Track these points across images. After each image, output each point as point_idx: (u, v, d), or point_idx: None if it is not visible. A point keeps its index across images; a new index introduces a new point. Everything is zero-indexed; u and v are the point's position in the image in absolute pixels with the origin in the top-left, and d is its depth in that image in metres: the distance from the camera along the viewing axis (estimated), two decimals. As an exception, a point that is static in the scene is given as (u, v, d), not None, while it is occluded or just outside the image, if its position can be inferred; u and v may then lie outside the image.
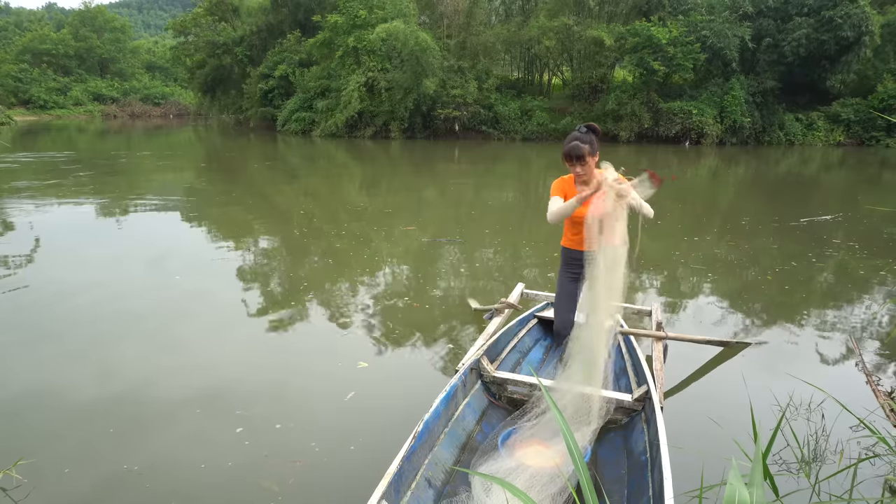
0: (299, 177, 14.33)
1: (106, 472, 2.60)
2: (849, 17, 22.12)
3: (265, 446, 2.79)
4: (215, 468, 2.64)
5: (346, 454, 2.74)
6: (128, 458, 2.69)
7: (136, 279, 5.46)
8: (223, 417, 3.05)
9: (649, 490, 2.19)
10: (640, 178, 2.52)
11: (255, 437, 2.87)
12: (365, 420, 3.05)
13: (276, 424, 2.97)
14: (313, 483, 2.54)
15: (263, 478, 2.55)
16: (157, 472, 2.61)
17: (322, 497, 2.46)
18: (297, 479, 2.55)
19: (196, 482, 2.56)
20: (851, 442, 2.79)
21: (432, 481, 2.30)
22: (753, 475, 1.21)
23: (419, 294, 5.12)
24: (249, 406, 3.16)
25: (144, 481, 2.53)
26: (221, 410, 3.12)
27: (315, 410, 3.20)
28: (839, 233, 7.78)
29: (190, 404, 3.18)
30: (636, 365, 3.26)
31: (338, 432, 2.93)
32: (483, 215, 9.09)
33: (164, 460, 2.70)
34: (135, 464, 2.65)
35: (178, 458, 2.72)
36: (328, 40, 25.52)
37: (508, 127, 25.27)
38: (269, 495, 2.43)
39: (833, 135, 24.73)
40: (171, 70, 50.88)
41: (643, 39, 22.51)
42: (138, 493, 2.47)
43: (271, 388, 3.40)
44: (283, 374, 3.61)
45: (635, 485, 2.34)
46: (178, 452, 2.76)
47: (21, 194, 10.20)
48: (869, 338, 4.34)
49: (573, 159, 2.67)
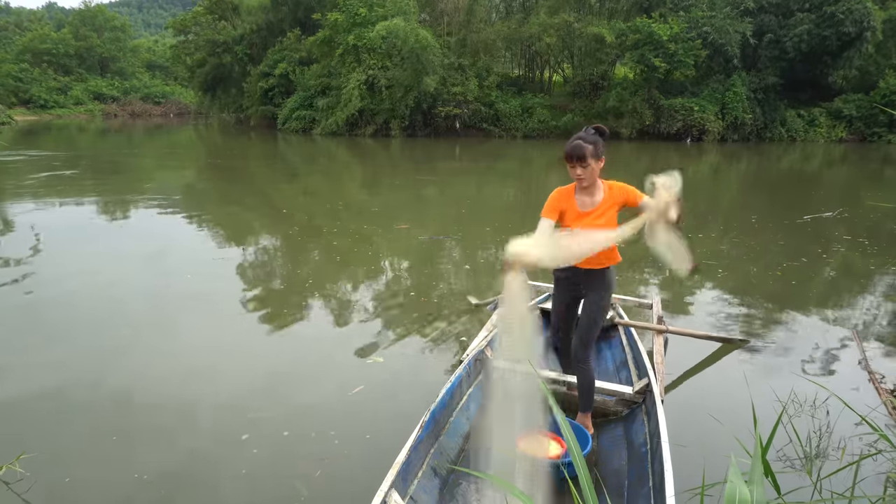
0: (300, 175, 14.32)
1: (108, 470, 2.61)
2: (850, 12, 22.02)
3: (273, 449, 2.79)
4: (233, 462, 2.64)
5: (362, 444, 2.78)
6: (133, 458, 2.69)
7: (138, 278, 5.45)
8: (235, 415, 3.06)
9: (649, 481, 2.21)
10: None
11: (262, 440, 2.86)
12: (378, 410, 3.10)
13: (284, 432, 2.96)
14: (338, 475, 2.59)
15: (291, 476, 2.57)
16: (165, 473, 2.61)
17: (347, 487, 2.50)
18: (324, 471, 2.59)
19: (214, 479, 2.56)
20: (854, 439, 2.78)
21: (438, 470, 2.35)
22: (753, 472, 1.20)
23: (423, 289, 5.13)
24: (261, 404, 3.16)
25: (153, 482, 2.54)
26: (232, 408, 3.13)
27: (326, 404, 3.20)
28: (848, 229, 7.73)
29: (201, 400, 3.19)
30: (637, 357, 3.27)
31: (353, 424, 2.96)
32: (484, 213, 9.07)
33: (169, 459, 2.70)
34: (144, 463, 2.65)
35: (198, 456, 2.72)
36: (328, 38, 25.46)
37: (509, 124, 25.21)
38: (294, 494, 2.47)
39: (835, 131, 24.63)
40: (171, 69, 50.82)
41: (644, 36, 22.43)
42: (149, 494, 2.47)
43: (282, 386, 3.41)
44: (295, 370, 3.62)
45: (635, 475, 2.36)
46: (200, 449, 2.77)
47: (21, 193, 10.20)
48: (873, 334, 4.32)
49: (574, 159, 2.41)
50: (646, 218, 2.27)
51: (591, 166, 2.42)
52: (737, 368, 3.63)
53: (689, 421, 3.00)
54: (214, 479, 2.57)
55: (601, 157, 2.45)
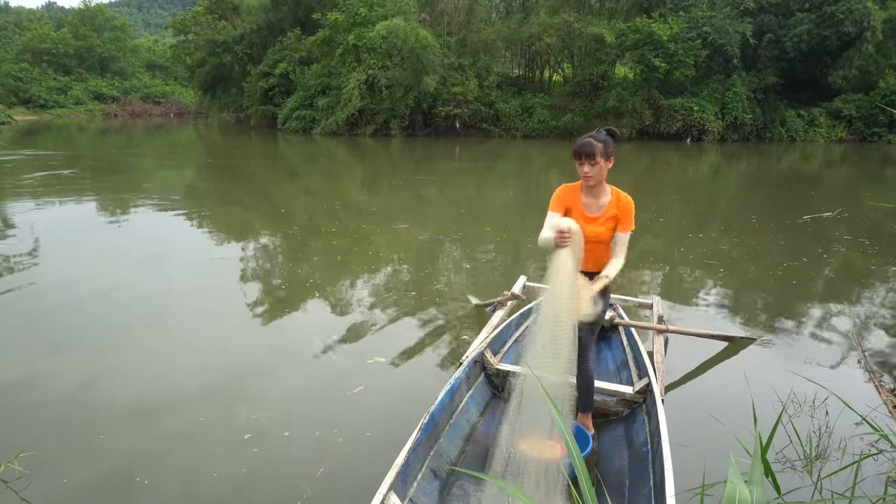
0: (300, 175, 14.31)
1: (108, 469, 2.61)
2: (850, 12, 22.01)
3: (275, 451, 2.79)
4: (228, 462, 2.64)
5: (363, 442, 2.79)
6: (134, 458, 2.69)
7: (140, 278, 5.45)
8: (236, 414, 3.06)
9: (650, 481, 2.20)
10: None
11: (263, 441, 2.86)
12: (377, 410, 3.10)
13: (284, 432, 2.96)
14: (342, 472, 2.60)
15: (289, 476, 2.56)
16: (165, 473, 2.61)
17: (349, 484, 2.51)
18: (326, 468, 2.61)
19: (207, 479, 2.56)
20: (854, 439, 2.77)
21: (437, 472, 2.34)
22: (753, 472, 1.20)
23: (424, 289, 5.12)
24: (265, 402, 3.16)
25: (148, 474, 2.53)
26: (235, 407, 3.13)
27: (326, 403, 3.20)
28: (848, 229, 7.72)
29: (201, 400, 3.19)
30: (637, 357, 3.26)
31: (354, 423, 2.97)
32: (484, 212, 9.06)
33: (169, 459, 2.70)
34: (143, 464, 2.65)
35: (195, 456, 2.71)
36: (328, 38, 25.45)
37: (509, 124, 25.20)
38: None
39: (835, 131, 24.62)
40: (171, 69, 50.79)
41: (644, 36, 22.42)
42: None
43: (285, 384, 3.40)
44: (300, 369, 3.62)
45: (636, 475, 2.36)
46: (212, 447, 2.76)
47: (21, 193, 10.19)
48: (874, 334, 4.32)
49: (582, 156, 2.41)
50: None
51: (600, 164, 2.41)
52: (737, 368, 3.63)
53: (690, 421, 3.00)
54: (214, 479, 2.57)
55: (610, 157, 2.45)
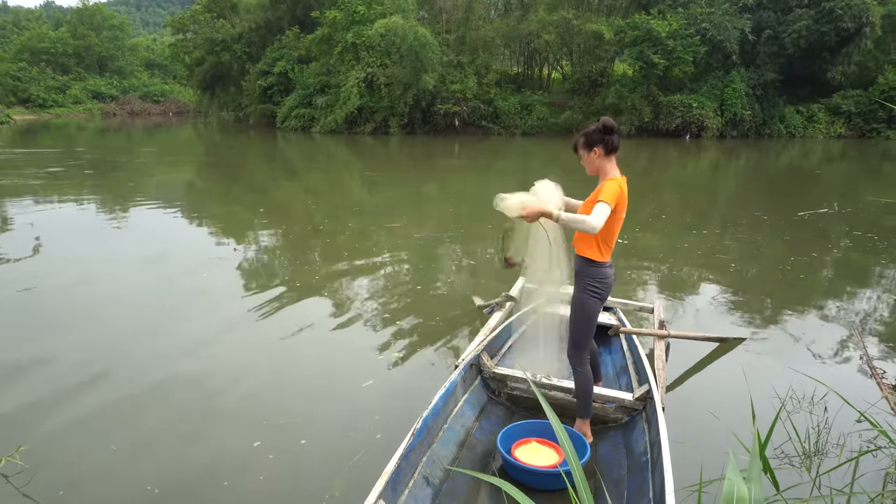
0: (299, 173, 14.30)
1: (108, 469, 2.61)
2: (849, 7, 21.96)
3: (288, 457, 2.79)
4: (239, 463, 2.65)
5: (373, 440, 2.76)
6: (134, 458, 2.70)
7: (141, 277, 5.45)
8: (237, 415, 3.05)
9: (650, 492, 2.15)
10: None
11: (275, 446, 2.86)
12: (386, 408, 3.11)
13: (301, 440, 2.96)
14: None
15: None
16: (164, 471, 2.61)
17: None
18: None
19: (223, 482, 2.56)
20: (853, 435, 2.77)
21: (430, 479, 2.26)
22: (751, 469, 1.20)
23: (423, 288, 5.13)
24: (265, 402, 3.15)
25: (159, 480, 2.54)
26: (233, 408, 3.13)
27: (335, 399, 3.20)
28: (855, 225, 7.70)
29: (201, 400, 3.20)
30: (637, 363, 3.19)
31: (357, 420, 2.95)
32: (483, 210, 9.05)
33: (168, 458, 2.70)
34: (144, 465, 2.65)
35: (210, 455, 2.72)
36: (327, 36, 25.38)
37: (508, 122, 25.17)
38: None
39: (834, 127, 24.58)
40: (170, 67, 50.63)
41: (643, 33, 22.39)
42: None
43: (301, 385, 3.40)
44: (297, 368, 3.62)
45: (635, 486, 2.31)
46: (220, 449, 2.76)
47: (20, 192, 10.18)
48: (875, 330, 4.31)
49: (574, 150, 2.63)
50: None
51: (584, 156, 2.57)
52: (736, 365, 3.62)
53: (688, 419, 3.00)
54: (215, 478, 2.57)
55: (594, 146, 2.51)
